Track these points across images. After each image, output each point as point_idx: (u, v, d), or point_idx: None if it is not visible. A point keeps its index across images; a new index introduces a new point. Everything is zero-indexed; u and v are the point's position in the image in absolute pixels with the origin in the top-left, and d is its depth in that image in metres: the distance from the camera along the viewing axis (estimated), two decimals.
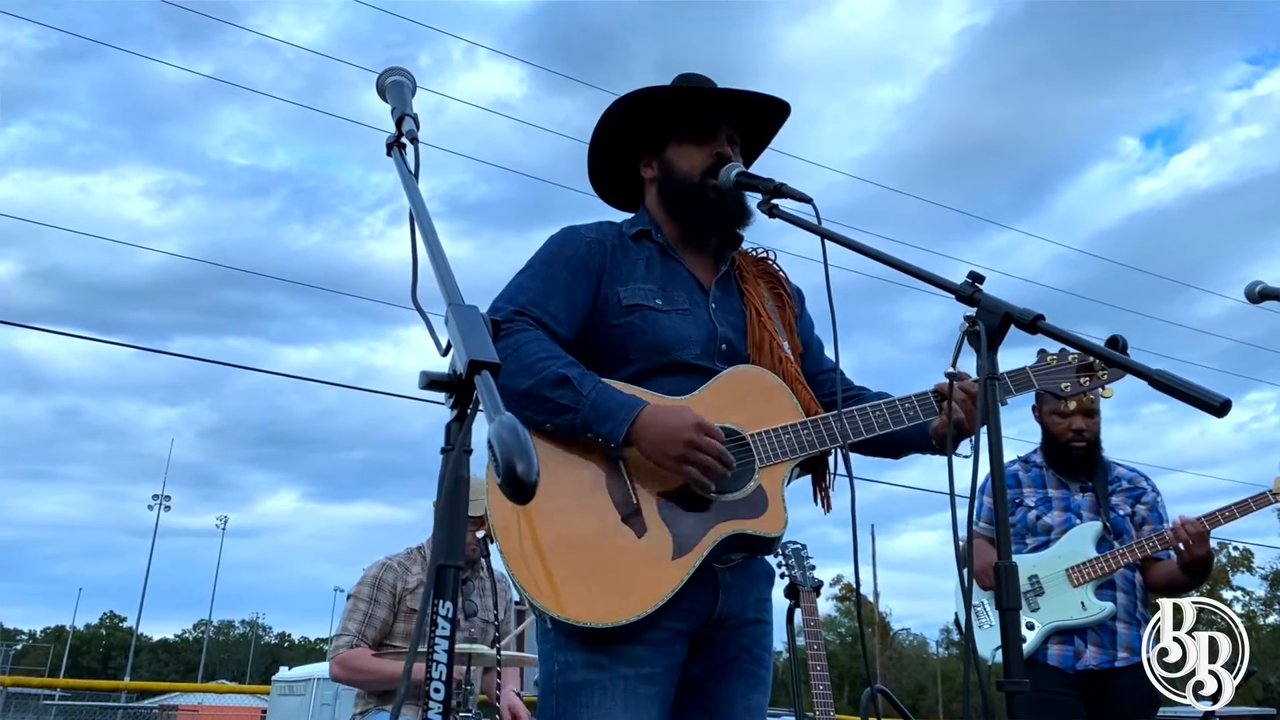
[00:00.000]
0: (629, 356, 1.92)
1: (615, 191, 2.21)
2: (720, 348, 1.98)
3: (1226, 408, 1.34)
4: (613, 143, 2.11)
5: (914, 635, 57.12)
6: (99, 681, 25.26)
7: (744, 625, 1.94)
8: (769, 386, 1.96)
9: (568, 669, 1.79)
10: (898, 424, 1.93)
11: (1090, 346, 1.49)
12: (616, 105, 2.05)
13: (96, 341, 70.03)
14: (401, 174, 1.41)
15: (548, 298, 1.90)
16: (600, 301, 1.95)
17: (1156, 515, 3.48)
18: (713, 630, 1.89)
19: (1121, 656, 3.28)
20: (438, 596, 0.97)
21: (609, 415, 1.76)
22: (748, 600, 1.94)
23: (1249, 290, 2.71)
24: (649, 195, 2.12)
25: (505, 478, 0.87)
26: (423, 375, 1.03)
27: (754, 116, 2.11)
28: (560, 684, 1.79)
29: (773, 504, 1.86)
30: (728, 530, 1.82)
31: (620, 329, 1.93)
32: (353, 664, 3.59)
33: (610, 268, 1.97)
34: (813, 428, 1.91)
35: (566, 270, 1.94)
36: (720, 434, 1.79)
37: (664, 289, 1.98)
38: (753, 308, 2.06)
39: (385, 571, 3.76)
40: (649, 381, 1.90)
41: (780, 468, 1.88)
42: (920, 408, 1.93)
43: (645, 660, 1.78)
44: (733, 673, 1.92)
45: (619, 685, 1.76)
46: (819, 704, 3.22)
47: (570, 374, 1.78)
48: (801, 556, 3.30)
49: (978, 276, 1.55)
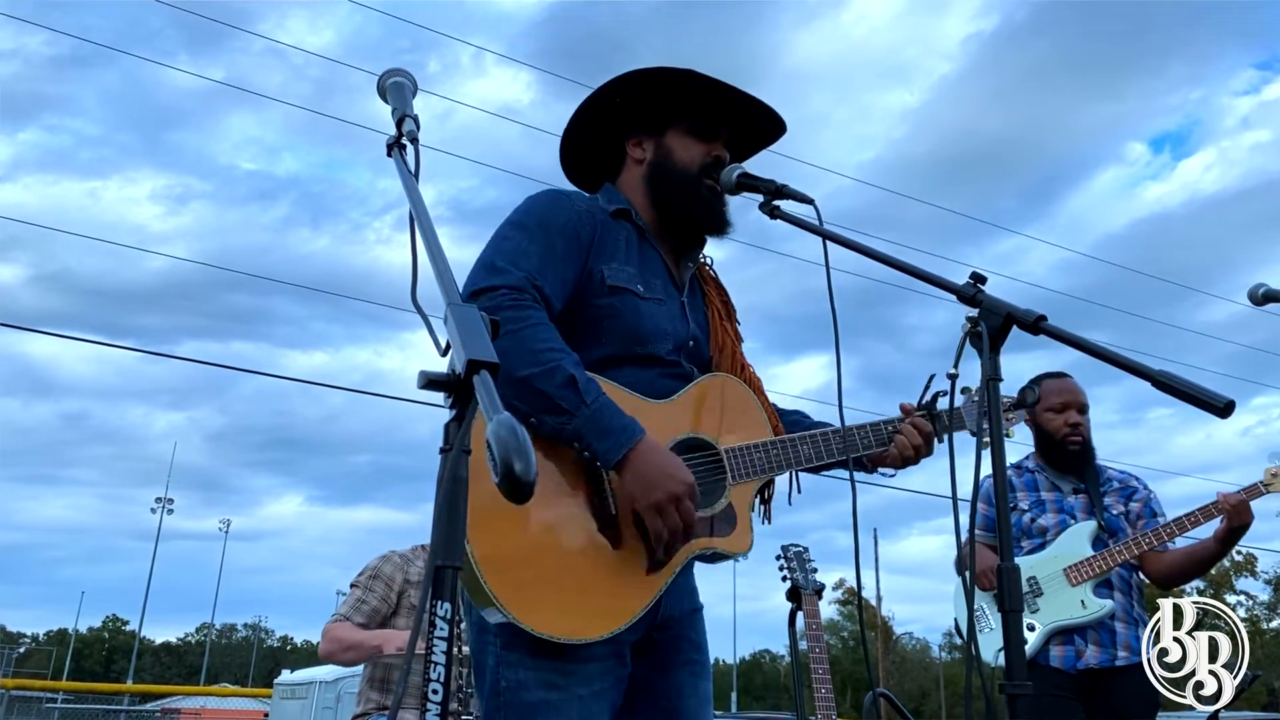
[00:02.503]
0: (602, 339, 1.86)
1: (576, 161, 2.15)
2: (689, 344, 1.97)
3: (1230, 409, 1.33)
4: (605, 113, 2.05)
5: (917, 639, 57.03)
6: (101, 685, 25.24)
7: (682, 617, 1.92)
8: (743, 399, 1.96)
9: (520, 688, 1.69)
10: (853, 451, 1.99)
11: (1094, 347, 1.49)
12: (621, 78, 2.00)
13: (104, 345, 70.05)
14: (402, 175, 1.42)
15: (546, 267, 1.80)
16: (584, 277, 1.87)
17: (1150, 511, 3.50)
18: (655, 633, 1.85)
19: (1121, 655, 3.28)
20: (436, 597, 0.97)
21: (607, 434, 1.67)
22: (683, 593, 1.92)
23: (1252, 293, 2.70)
24: (629, 175, 2.06)
25: (503, 477, 0.87)
26: (421, 375, 1.02)
27: (751, 132, 2.12)
28: (511, 701, 1.70)
29: (741, 522, 1.85)
30: (699, 547, 1.80)
31: (600, 309, 1.86)
32: (332, 634, 3.61)
33: (597, 242, 1.90)
34: (782, 448, 1.93)
35: (561, 239, 1.85)
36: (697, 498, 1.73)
37: (642, 274, 1.94)
38: (715, 309, 2.07)
39: (384, 563, 3.76)
40: (617, 370, 1.83)
41: (750, 486, 1.89)
42: (874, 438, 2.03)
43: (597, 677, 1.73)
44: (676, 663, 1.89)
45: (574, 706, 1.70)
46: (821, 708, 3.21)
47: (579, 376, 1.68)
48: (804, 559, 3.29)
49: (980, 277, 1.55)
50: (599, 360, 1.84)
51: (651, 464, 1.68)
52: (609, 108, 2.04)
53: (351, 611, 3.64)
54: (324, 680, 9.24)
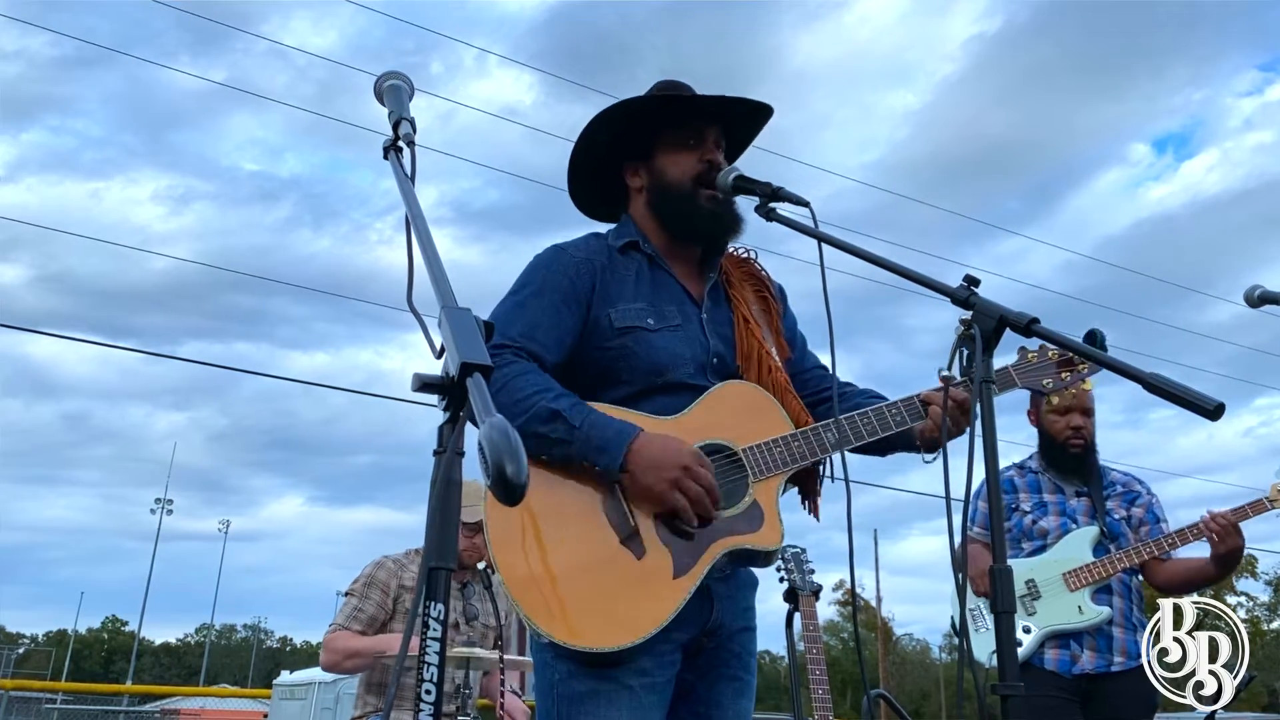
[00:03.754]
0: (622, 379, 1.91)
1: (594, 202, 2.18)
2: (712, 361, 1.98)
3: (1219, 411, 1.33)
4: (595, 154, 2.09)
5: (917, 640, 56.98)
6: (101, 685, 25.21)
7: (734, 633, 1.95)
8: (759, 401, 1.96)
9: (570, 677, 1.78)
10: (885, 430, 1.96)
11: (1083, 349, 1.49)
12: (597, 119, 2.03)
13: (105, 346, 70.09)
14: (398, 177, 1.42)
15: (536, 327, 1.88)
16: (590, 325, 1.93)
17: (1153, 516, 3.48)
18: (705, 638, 1.89)
19: (1118, 661, 3.27)
20: (429, 598, 0.97)
21: (604, 447, 1.75)
22: (737, 609, 1.96)
23: (1248, 294, 2.70)
24: (635, 204, 2.10)
25: (495, 479, 0.87)
26: (415, 377, 1.03)
27: (738, 120, 2.11)
28: (563, 693, 1.78)
29: (769, 517, 1.86)
30: (726, 546, 1.82)
31: (612, 351, 1.91)
32: (333, 645, 3.62)
33: (600, 288, 1.95)
34: (803, 439, 1.91)
35: (555, 296, 1.91)
36: (711, 468, 1.79)
37: (654, 305, 1.96)
38: (740, 316, 2.05)
39: (378, 570, 3.77)
40: (642, 403, 1.89)
41: (774, 480, 1.89)
42: (907, 413, 1.97)
43: (649, 670, 1.78)
44: (722, 677, 1.93)
45: (624, 695, 1.76)
46: (818, 709, 3.22)
47: (560, 407, 1.76)
48: (801, 561, 3.30)
49: (973, 280, 1.55)
50: (623, 399, 1.89)
51: (651, 455, 1.76)
52: (598, 149, 2.08)
53: (349, 620, 3.64)
54: (323, 681, 9.25)
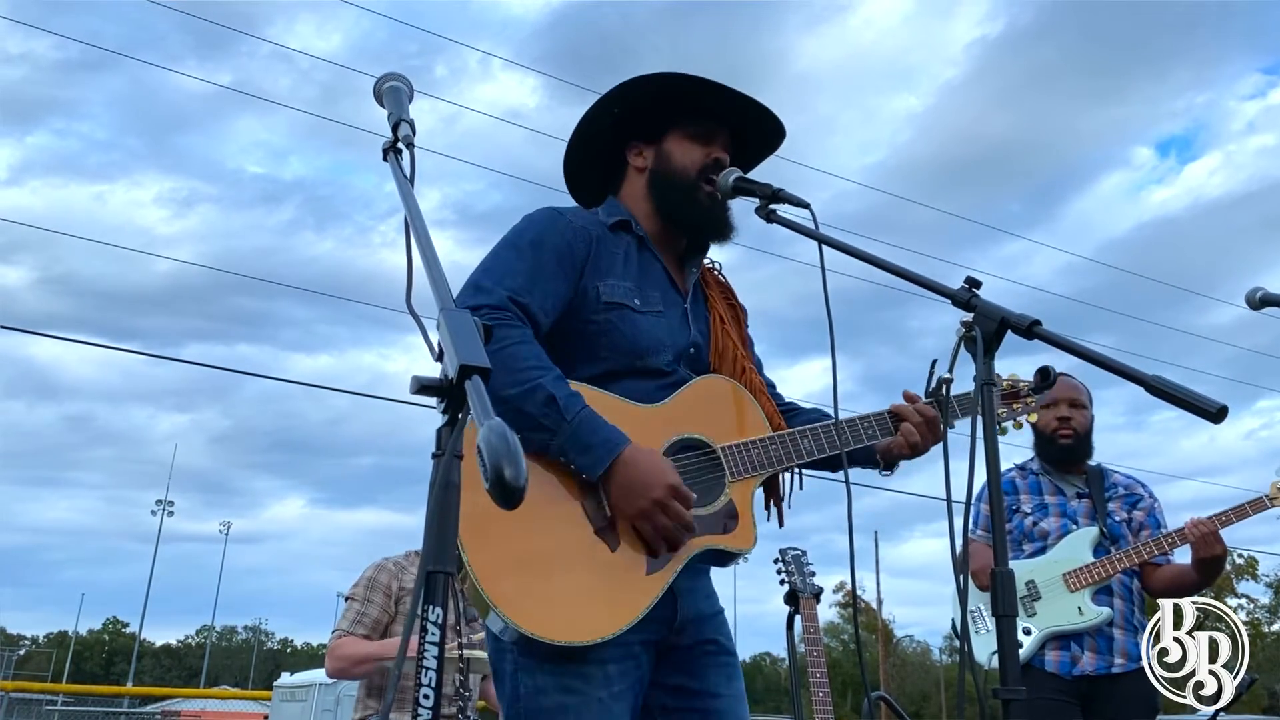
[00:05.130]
0: (600, 355, 1.87)
1: (582, 179, 2.16)
2: (689, 352, 1.98)
3: (1223, 414, 1.33)
4: (604, 127, 2.06)
5: (918, 642, 56.94)
6: (101, 687, 25.27)
7: (706, 619, 1.92)
8: (740, 400, 1.95)
9: (538, 693, 1.71)
10: (858, 442, 1.97)
11: (1087, 352, 1.49)
12: (629, 84, 2.00)
13: (108, 348, 69.95)
14: (397, 180, 1.42)
15: (534, 284, 1.82)
16: (579, 295, 1.88)
17: (1154, 520, 3.48)
18: (676, 636, 1.86)
19: (1118, 663, 3.27)
20: (427, 602, 0.97)
21: (589, 449, 1.70)
22: (700, 596, 1.93)
23: (1249, 296, 2.70)
24: (632, 184, 2.07)
25: (493, 483, 0.87)
26: (414, 380, 1.03)
27: (751, 138, 2.11)
28: (530, 708, 1.72)
29: (743, 519, 1.85)
30: (701, 545, 1.80)
31: (596, 325, 1.88)
32: (339, 652, 3.60)
33: (593, 259, 1.91)
34: (780, 443, 1.91)
35: (553, 257, 1.86)
36: (691, 500, 1.74)
37: (640, 287, 1.95)
38: (716, 314, 2.06)
39: (379, 572, 3.75)
40: (616, 383, 1.85)
41: (750, 482, 1.88)
42: (878, 428, 2.00)
43: (615, 678, 1.74)
44: (710, 665, 1.90)
45: (593, 709, 1.71)
46: (819, 711, 3.21)
47: (558, 394, 1.70)
48: (801, 563, 3.29)
49: (974, 282, 1.55)
50: (598, 375, 1.86)
51: (633, 474, 1.71)
52: (607, 121, 2.06)
53: (353, 625, 3.62)
54: (324, 683, 9.24)
